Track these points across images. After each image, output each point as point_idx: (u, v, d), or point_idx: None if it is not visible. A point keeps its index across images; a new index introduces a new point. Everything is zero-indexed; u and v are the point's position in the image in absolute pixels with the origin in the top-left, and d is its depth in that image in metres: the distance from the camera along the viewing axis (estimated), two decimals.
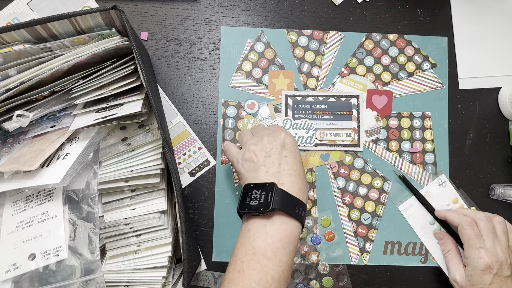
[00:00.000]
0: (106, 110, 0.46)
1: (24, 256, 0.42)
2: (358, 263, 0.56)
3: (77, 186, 0.45)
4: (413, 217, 0.57)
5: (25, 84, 0.43)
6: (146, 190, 0.48)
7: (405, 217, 0.57)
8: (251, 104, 0.58)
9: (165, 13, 0.58)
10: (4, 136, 0.48)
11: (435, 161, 0.59)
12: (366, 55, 0.60)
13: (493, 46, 0.61)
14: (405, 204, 0.57)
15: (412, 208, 0.57)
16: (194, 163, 0.57)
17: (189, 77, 0.58)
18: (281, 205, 0.39)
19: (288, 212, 0.40)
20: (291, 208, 0.40)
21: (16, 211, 0.44)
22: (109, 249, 0.47)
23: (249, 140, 0.46)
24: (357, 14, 0.60)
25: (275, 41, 0.59)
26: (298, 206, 0.41)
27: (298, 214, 0.40)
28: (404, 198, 0.57)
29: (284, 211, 0.39)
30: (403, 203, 0.57)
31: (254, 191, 0.41)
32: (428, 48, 0.60)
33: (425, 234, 0.57)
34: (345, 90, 0.59)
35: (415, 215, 0.57)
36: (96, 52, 0.45)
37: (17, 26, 0.43)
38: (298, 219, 0.40)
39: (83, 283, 0.43)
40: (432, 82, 0.60)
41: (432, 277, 0.57)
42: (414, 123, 0.59)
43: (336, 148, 0.57)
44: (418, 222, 0.57)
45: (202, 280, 0.55)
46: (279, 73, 0.58)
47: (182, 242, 0.42)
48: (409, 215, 0.57)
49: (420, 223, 0.57)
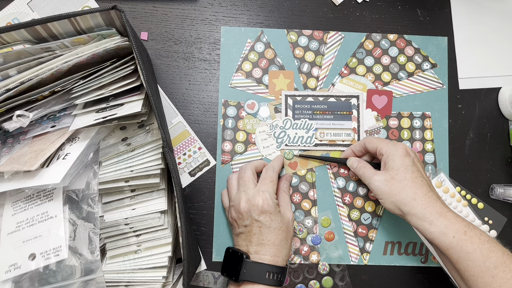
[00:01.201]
0: (106, 110, 0.46)
1: (24, 256, 0.42)
2: (358, 263, 0.56)
3: (77, 186, 0.45)
4: None
5: (25, 84, 0.43)
6: (146, 190, 0.48)
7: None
8: (251, 104, 0.58)
9: (165, 13, 0.58)
10: (4, 136, 0.48)
11: (435, 161, 0.59)
12: (366, 55, 0.60)
13: (493, 46, 0.61)
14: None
15: None
16: (194, 163, 0.57)
17: (189, 77, 0.58)
18: (250, 276, 0.45)
19: (258, 281, 0.45)
20: (261, 277, 0.45)
21: (16, 211, 0.44)
22: (109, 249, 0.47)
23: (232, 199, 0.50)
24: (357, 14, 0.60)
25: (275, 41, 0.59)
26: (270, 272, 0.45)
27: (269, 279, 0.45)
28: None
29: (252, 281, 0.45)
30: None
31: (230, 256, 0.48)
32: (428, 48, 0.60)
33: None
34: (345, 90, 0.59)
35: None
36: (96, 52, 0.45)
37: (17, 26, 0.43)
38: (271, 283, 0.45)
39: (83, 283, 0.43)
40: (432, 82, 0.60)
41: (432, 277, 0.57)
42: (414, 123, 0.59)
43: (336, 148, 0.57)
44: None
45: (202, 280, 0.55)
46: (279, 73, 0.58)
47: (182, 242, 0.42)
48: None
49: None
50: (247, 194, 0.48)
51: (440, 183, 0.58)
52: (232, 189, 0.51)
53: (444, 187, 0.58)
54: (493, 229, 0.57)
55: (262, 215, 0.46)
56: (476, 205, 0.58)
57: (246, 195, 0.48)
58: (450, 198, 0.58)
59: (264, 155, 0.57)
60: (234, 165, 0.57)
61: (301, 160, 0.57)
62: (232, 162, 0.57)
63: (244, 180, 0.50)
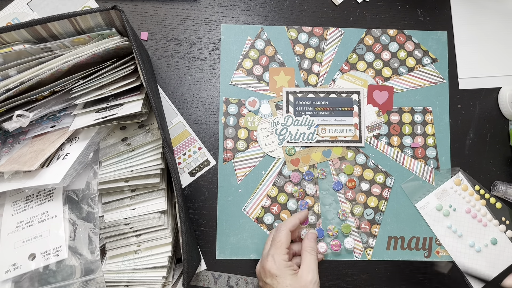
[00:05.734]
0: (106, 110, 0.46)
1: (24, 256, 0.42)
2: (361, 259, 0.56)
3: (77, 186, 0.45)
4: (429, 215, 0.57)
5: (25, 84, 0.43)
6: (146, 190, 0.48)
7: (422, 214, 0.57)
8: (252, 101, 0.58)
9: (165, 13, 0.58)
10: (4, 136, 0.48)
11: (437, 155, 0.59)
12: (366, 50, 0.60)
13: (493, 46, 0.61)
14: (422, 202, 0.57)
15: (429, 206, 0.57)
16: (194, 163, 0.57)
17: (189, 77, 0.58)
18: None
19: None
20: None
21: (16, 211, 0.44)
22: (109, 249, 0.47)
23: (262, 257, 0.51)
24: (357, 14, 0.60)
25: (275, 38, 0.59)
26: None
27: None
28: (421, 196, 0.58)
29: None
30: (420, 200, 0.57)
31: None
32: (428, 43, 0.60)
33: (442, 229, 0.57)
34: (346, 86, 0.59)
35: (431, 212, 0.57)
36: (96, 52, 0.45)
37: (17, 26, 0.43)
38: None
39: (83, 283, 0.43)
40: (432, 77, 0.60)
41: (432, 278, 0.57)
42: (415, 118, 0.59)
43: (337, 144, 0.58)
44: (434, 220, 0.57)
45: (202, 280, 0.55)
46: (279, 70, 0.58)
47: (182, 242, 0.42)
48: (426, 213, 0.57)
49: (436, 220, 0.57)
50: (262, 256, 0.50)
51: (459, 180, 0.58)
52: (265, 246, 0.52)
53: (463, 185, 0.58)
54: (509, 229, 0.58)
55: (268, 278, 0.47)
56: (494, 205, 0.58)
57: (261, 257, 0.50)
58: (468, 196, 0.58)
59: (266, 152, 0.57)
60: (236, 162, 0.57)
61: (303, 157, 0.57)
62: (234, 160, 0.57)
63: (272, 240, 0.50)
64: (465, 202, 0.58)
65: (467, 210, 0.58)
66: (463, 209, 0.58)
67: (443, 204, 0.58)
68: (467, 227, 0.57)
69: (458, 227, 0.57)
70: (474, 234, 0.57)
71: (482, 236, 0.57)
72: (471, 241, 0.57)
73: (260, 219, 0.56)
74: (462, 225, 0.57)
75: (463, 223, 0.57)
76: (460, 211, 0.58)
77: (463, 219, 0.57)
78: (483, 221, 0.57)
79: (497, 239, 0.57)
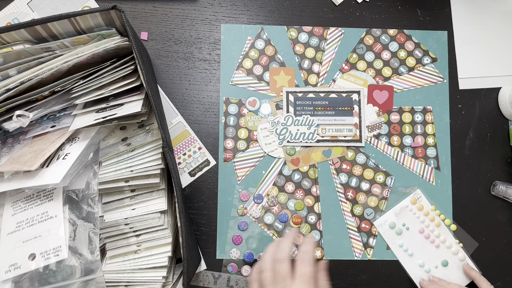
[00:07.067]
0: (106, 110, 0.46)
1: (24, 256, 0.42)
2: (362, 258, 0.56)
3: (77, 186, 0.45)
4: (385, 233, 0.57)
5: (25, 84, 0.43)
6: (146, 190, 0.48)
7: (380, 232, 0.56)
8: (253, 101, 0.58)
9: (165, 13, 0.58)
10: (4, 136, 0.48)
11: (437, 155, 0.59)
12: (367, 50, 0.60)
13: (493, 46, 0.61)
14: (381, 219, 0.57)
15: (386, 224, 0.57)
16: (194, 163, 0.57)
17: (189, 77, 0.58)
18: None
19: None
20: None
21: (16, 211, 0.44)
22: (109, 249, 0.47)
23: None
24: (357, 14, 0.60)
25: (276, 38, 0.59)
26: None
27: None
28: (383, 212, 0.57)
29: None
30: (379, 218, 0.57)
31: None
32: (428, 42, 0.60)
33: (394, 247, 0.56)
34: (346, 86, 0.59)
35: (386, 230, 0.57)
36: (96, 52, 0.45)
37: (17, 26, 0.43)
38: None
39: (83, 283, 0.43)
40: (432, 77, 0.60)
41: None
42: (416, 118, 0.59)
43: (338, 143, 0.58)
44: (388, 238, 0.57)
45: (202, 280, 0.55)
46: (279, 70, 0.59)
47: (182, 242, 0.42)
48: (384, 231, 0.57)
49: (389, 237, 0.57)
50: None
51: (415, 199, 0.57)
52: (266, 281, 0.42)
53: (418, 205, 0.57)
54: (461, 252, 0.57)
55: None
56: (449, 226, 0.57)
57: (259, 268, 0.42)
58: (423, 216, 0.57)
59: (266, 152, 0.57)
60: (237, 162, 0.57)
61: (303, 156, 0.57)
62: (235, 160, 0.57)
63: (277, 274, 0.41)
64: (419, 221, 0.57)
65: (420, 230, 0.57)
66: (416, 228, 0.57)
67: (397, 222, 0.57)
68: (419, 247, 0.56)
69: (410, 246, 0.56)
70: (425, 254, 0.56)
71: (433, 257, 0.56)
72: (421, 261, 0.56)
73: (260, 219, 0.56)
74: (414, 244, 0.56)
75: (415, 243, 0.57)
76: (413, 231, 0.57)
77: (415, 239, 0.56)
78: (435, 242, 0.57)
79: (448, 261, 0.56)
